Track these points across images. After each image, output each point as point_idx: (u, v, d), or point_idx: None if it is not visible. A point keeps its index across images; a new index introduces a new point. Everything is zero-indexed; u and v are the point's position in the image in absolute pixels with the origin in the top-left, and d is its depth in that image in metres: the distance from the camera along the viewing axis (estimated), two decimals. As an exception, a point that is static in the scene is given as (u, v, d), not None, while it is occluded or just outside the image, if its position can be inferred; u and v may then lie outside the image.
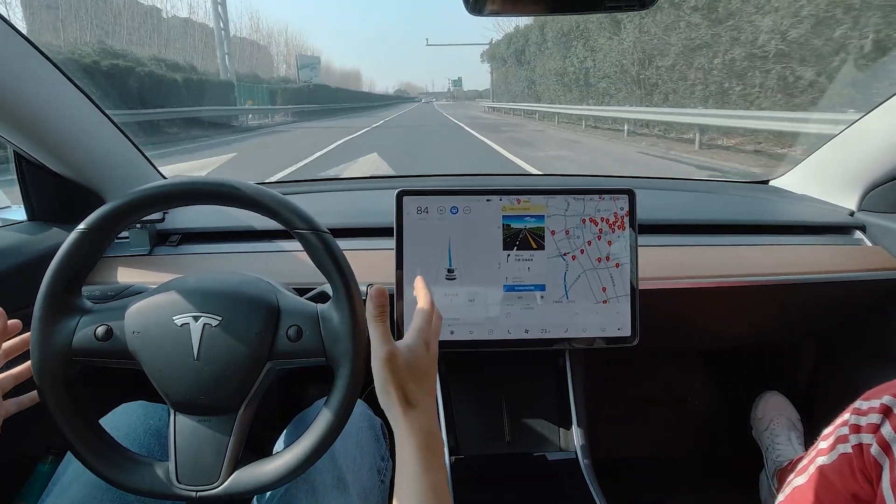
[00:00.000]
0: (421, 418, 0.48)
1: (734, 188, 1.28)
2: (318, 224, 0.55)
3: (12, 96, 0.72)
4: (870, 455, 0.58)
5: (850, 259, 0.97)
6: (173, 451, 0.55)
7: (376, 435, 0.74)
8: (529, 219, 0.78)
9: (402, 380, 0.48)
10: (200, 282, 0.58)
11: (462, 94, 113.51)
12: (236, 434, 0.55)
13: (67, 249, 0.53)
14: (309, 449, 0.54)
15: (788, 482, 0.69)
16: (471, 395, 0.88)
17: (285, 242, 0.91)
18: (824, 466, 0.64)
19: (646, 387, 1.40)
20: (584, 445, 0.81)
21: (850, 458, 0.61)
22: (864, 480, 0.59)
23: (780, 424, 1.14)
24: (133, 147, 0.99)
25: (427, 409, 0.49)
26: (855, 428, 0.61)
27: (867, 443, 0.59)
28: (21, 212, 0.91)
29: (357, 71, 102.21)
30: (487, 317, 0.78)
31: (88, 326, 0.54)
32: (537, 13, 0.61)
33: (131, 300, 0.57)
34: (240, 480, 0.54)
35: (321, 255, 0.55)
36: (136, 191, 0.54)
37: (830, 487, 0.62)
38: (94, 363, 0.55)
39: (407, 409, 0.48)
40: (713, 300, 0.95)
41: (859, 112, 0.99)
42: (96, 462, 0.54)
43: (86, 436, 0.54)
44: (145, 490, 0.54)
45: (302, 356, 0.55)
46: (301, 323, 0.56)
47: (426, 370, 0.51)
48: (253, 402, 0.57)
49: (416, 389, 0.49)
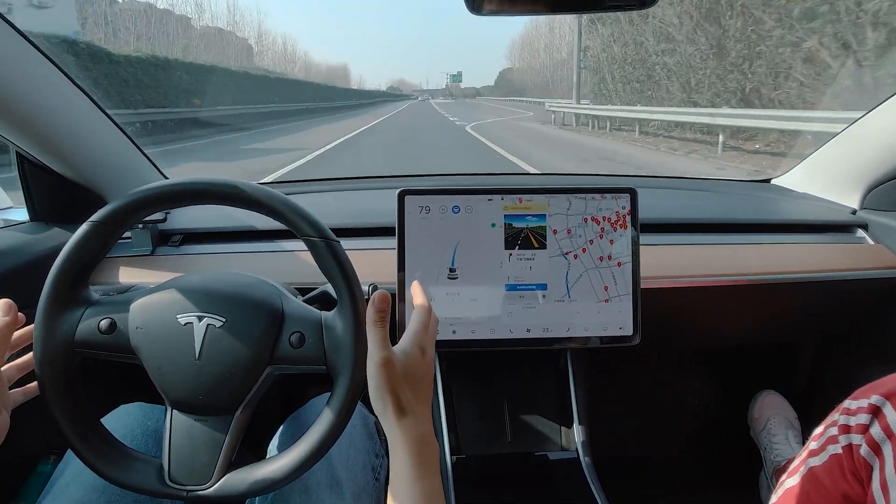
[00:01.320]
0: (414, 425, 0.48)
1: (736, 187, 1.28)
2: (328, 232, 0.55)
3: (14, 97, 0.72)
4: (860, 455, 0.58)
5: (852, 257, 0.96)
6: (167, 449, 0.55)
7: (370, 432, 0.73)
8: (531, 218, 0.78)
9: (396, 386, 0.48)
10: (206, 281, 0.58)
11: (459, 92, 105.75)
12: (231, 436, 0.55)
13: (78, 240, 0.53)
14: (303, 456, 0.54)
15: (781, 483, 0.68)
16: (472, 395, 0.88)
17: (287, 242, 0.92)
18: (815, 467, 0.63)
19: (647, 386, 1.40)
20: (586, 445, 0.81)
21: (841, 458, 0.60)
22: (855, 481, 0.59)
23: (778, 424, 1.14)
24: (135, 148, 0.99)
25: (421, 417, 0.49)
26: (844, 428, 0.60)
27: (857, 443, 0.59)
28: (23, 212, 0.91)
29: (344, 66, 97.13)
30: (489, 316, 0.78)
31: (92, 318, 0.54)
32: (538, 12, 0.61)
33: (136, 294, 0.57)
34: (231, 482, 0.54)
35: (329, 264, 0.54)
36: (148, 188, 0.54)
37: (821, 488, 0.62)
38: (95, 356, 0.55)
39: (400, 417, 0.47)
40: (715, 299, 0.95)
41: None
42: (89, 454, 0.54)
43: (81, 428, 0.54)
44: (136, 486, 0.54)
45: (302, 363, 0.55)
46: (304, 330, 0.55)
47: (422, 376, 0.50)
48: (250, 405, 0.57)
49: (411, 396, 0.48)
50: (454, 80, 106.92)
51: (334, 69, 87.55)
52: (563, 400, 0.86)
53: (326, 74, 74.58)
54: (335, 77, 76.35)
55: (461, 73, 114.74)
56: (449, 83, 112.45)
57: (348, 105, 36.88)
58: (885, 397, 0.58)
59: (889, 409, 0.57)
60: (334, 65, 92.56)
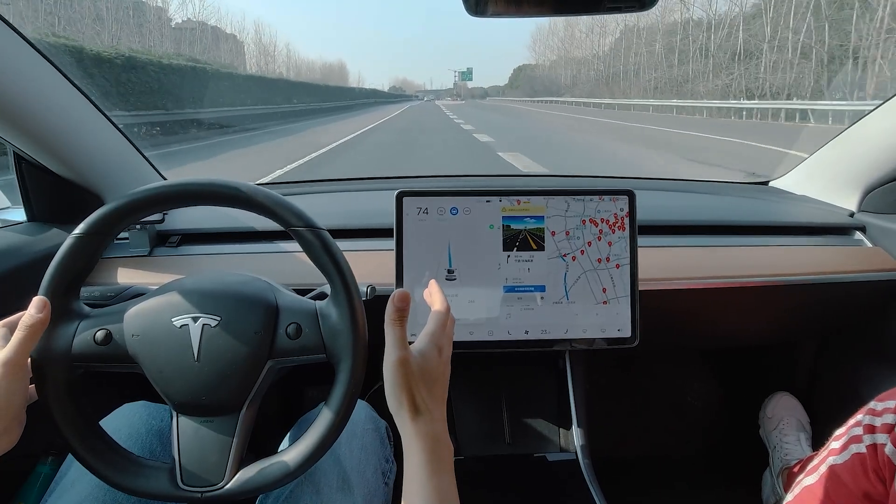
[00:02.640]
0: (429, 424, 0.48)
1: (734, 189, 1.29)
2: (313, 221, 0.55)
3: (12, 97, 0.72)
4: (884, 455, 0.59)
5: (850, 260, 0.97)
6: (177, 454, 0.55)
7: (381, 437, 0.74)
8: (529, 220, 0.78)
9: (412, 385, 0.48)
10: (198, 282, 0.58)
11: (467, 92, 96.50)
12: (239, 434, 0.55)
13: (64, 255, 0.53)
14: (312, 446, 0.54)
15: (798, 482, 0.69)
16: (471, 396, 0.88)
17: (285, 243, 0.91)
18: (836, 466, 0.64)
19: (645, 387, 1.40)
20: (585, 446, 0.81)
21: (864, 457, 0.61)
22: (878, 480, 0.60)
23: (790, 425, 1.15)
24: (133, 148, 0.99)
25: (436, 416, 0.49)
26: (869, 428, 0.62)
27: (881, 443, 0.60)
28: (20, 213, 0.91)
29: (342, 64, 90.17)
30: (487, 318, 0.78)
31: (87, 331, 0.54)
32: (538, 14, 0.61)
33: (129, 303, 0.57)
34: (244, 480, 0.54)
35: (318, 252, 0.55)
36: (134, 193, 0.54)
37: (841, 487, 0.63)
38: (95, 367, 0.55)
39: (415, 416, 0.48)
40: (713, 301, 0.95)
41: None
42: (101, 466, 0.54)
43: (90, 441, 0.54)
44: (150, 493, 0.54)
45: (302, 353, 0.55)
46: (300, 320, 0.56)
47: (437, 376, 0.51)
48: (255, 402, 0.57)
49: (427, 396, 0.49)
50: (464, 78, 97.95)
51: (331, 67, 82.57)
52: (561, 401, 0.86)
53: (322, 73, 70.33)
54: (332, 76, 71.98)
55: (471, 70, 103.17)
56: (458, 80, 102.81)
57: (337, 108, 30.20)
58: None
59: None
60: (331, 62, 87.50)
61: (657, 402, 1.40)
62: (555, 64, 58.26)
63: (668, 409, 1.39)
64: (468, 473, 0.78)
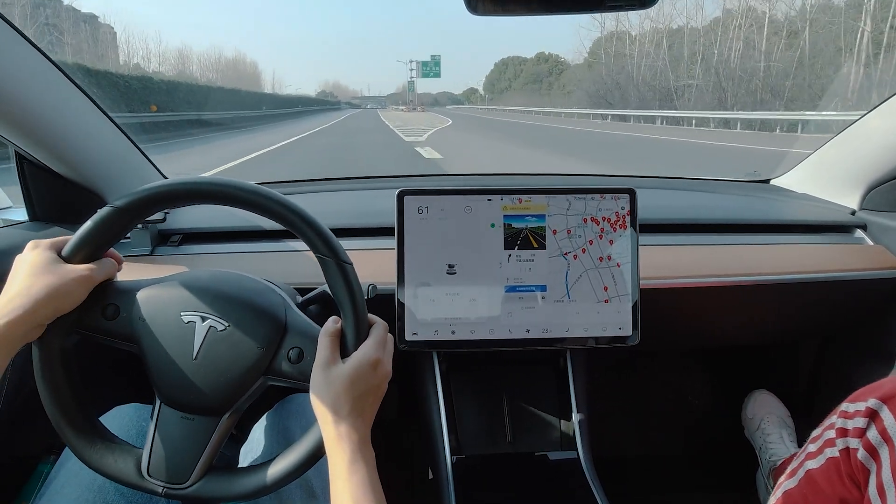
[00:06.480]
0: (352, 430, 0.49)
1: (735, 187, 1.28)
2: (343, 255, 0.54)
3: (13, 97, 0.72)
4: (857, 459, 0.58)
5: (852, 258, 0.96)
6: (150, 442, 0.55)
7: None
8: (530, 218, 0.78)
9: (338, 393, 0.49)
10: (213, 281, 0.58)
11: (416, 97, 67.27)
12: (215, 438, 0.55)
13: (97, 221, 0.52)
14: (283, 471, 0.54)
15: (779, 485, 0.69)
16: (472, 395, 0.88)
17: (287, 243, 0.91)
18: (812, 470, 0.63)
19: (646, 386, 1.40)
20: (585, 444, 0.81)
21: (838, 462, 0.60)
22: (852, 485, 0.59)
23: (771, 423, 1.14)
24: (134, 148, 0.99)
25: (358, 424, 0.50)
26: (842, 432, 0.61)
27: (854, 447, 0.59)
28: (22, 212, 0.91)
29: (253, 63, 71.25)
30: (488, 316, 0.78)
31: (98, 302, 0.54)
32: (537, 12, 0.61)
33: (143, 283, 0.57)
34: (209, 486, 0.54)
35: (338, 284, 0.53)
36: (174, 182, 0.53)
37: (819, 492, 0.62)
38: (94, 338, 0.55)
39: (337, 422, 0.49)
40: (714, 299, 0.95)
41: None
42: (71, 433, 0.54)
43: (68, 406, 0.54)
44: (113, 474, 0.54)
45: (298, 379, 0.55)
46: (304, 346, 0.55)
47: (368, 389, 0.51)
48: (238, 411, 0.56)
49: (351, 407, 0.49)
50: (426, 73, 64.28)
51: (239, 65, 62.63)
52: (562, 400, 0.86)
53: (228, 71, 54.93)
54: (242, 78, 55.25)
55: (439, 59, 66.48)
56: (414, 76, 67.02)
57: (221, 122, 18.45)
58: (882, 401, 0.58)
59: (886, 412, 0.57)
60: (245, 61, 66.37)
61: (658, 401, 1.40)
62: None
63: (669, 408, 1.39)
64: (469, 472, 0.78)
